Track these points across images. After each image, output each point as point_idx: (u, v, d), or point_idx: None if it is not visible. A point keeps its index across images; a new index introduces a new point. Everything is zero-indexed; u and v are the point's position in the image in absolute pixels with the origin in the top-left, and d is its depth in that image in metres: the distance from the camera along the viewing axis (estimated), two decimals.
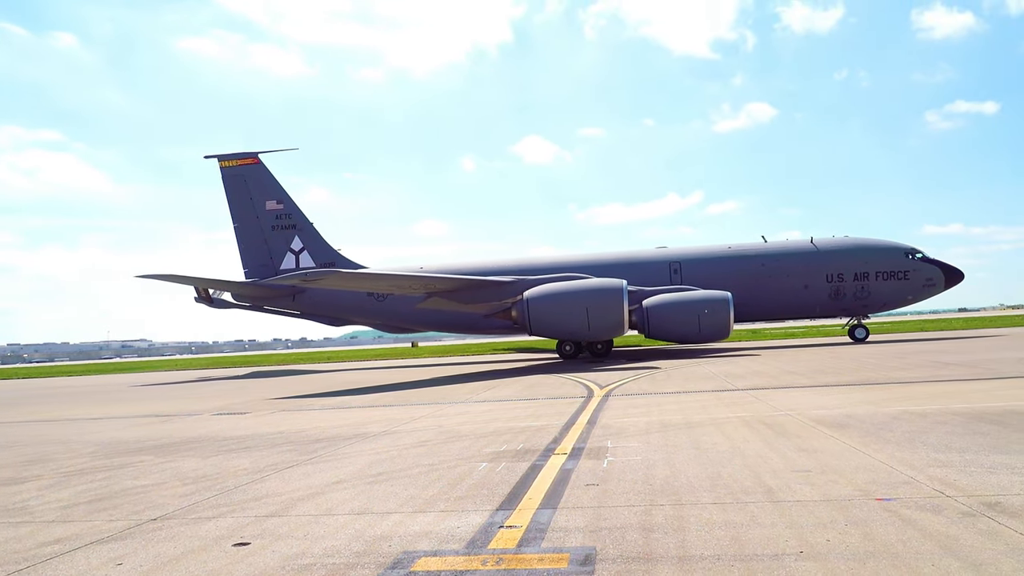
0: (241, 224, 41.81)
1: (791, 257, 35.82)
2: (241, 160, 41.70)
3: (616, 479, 7.11)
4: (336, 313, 41.03)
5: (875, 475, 6.69)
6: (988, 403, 11.15)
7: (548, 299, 30.38)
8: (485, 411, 14.12)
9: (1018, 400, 11.32)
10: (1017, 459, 7.03)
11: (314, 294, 39.61)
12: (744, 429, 9.90)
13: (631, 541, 5.07)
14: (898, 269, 34.95)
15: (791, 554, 4.62)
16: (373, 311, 39.38)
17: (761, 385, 16.16)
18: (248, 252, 41.85)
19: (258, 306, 41.59)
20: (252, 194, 41.41)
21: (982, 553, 4.44)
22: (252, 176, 41.58)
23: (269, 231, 41.41)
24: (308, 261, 41.27)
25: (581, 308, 29.80)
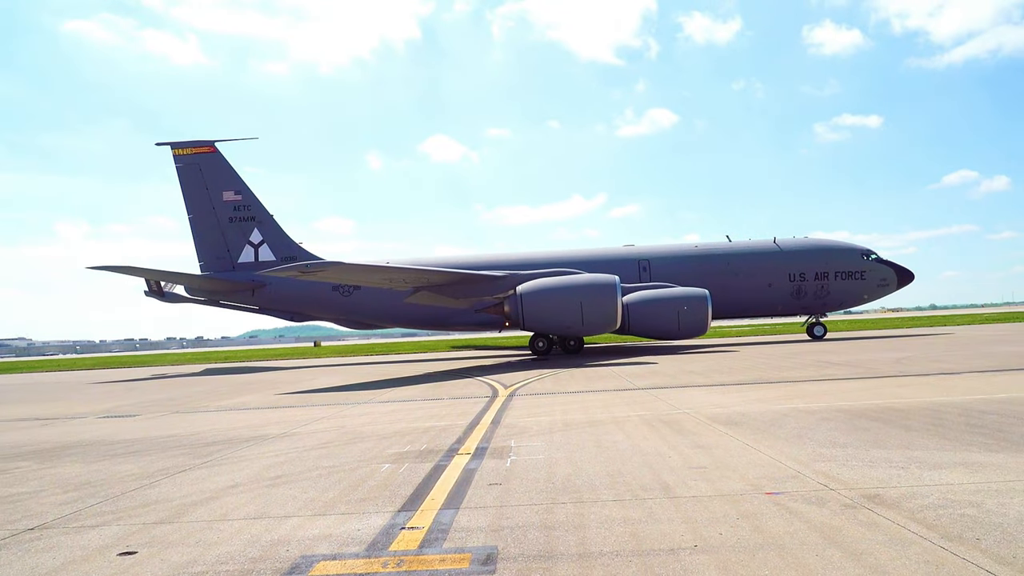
0: (196, 215, 39.97)
1: (756, 256, 37.03)
2: (196, 148, 39.78)
3: (519, 478, 7.16)
4: (297, 308, 39.95)
5: (765, 470, 6.98)
6: (869, 401, 11.81)
7: (542, 294, 30.39)
8: (389, 412, 13.96)
9: (897, 398, 12.03)
10: (895, 453, 7.47)
11: (275, 288, 38.55)
12: (644, 427, 10.14)
13: (532, 539, 5.11)
14: (855, 269, 36.63)
15: (686, 548, 4.76)
16: (338, 306, 38.58)
17: (661, 384, 16.60)
18: (204, 244, 40.11)
19: (214, 300, 40.12)
20: (208, 184, 39.68)
21: (861, 543, 4.69)
22: (208, 165, 39.81)
23: (226, 223, 39.75)
24: (268, 254, 39.90)
25: (575, 303, 29.97)
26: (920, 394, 12.38)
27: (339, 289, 38.08)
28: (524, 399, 14.95)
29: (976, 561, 4.25)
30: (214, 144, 40.07)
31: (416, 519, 5.81)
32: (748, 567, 4.37)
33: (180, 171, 39.87)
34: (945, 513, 5.23)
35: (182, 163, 39.83)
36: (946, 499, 5.61)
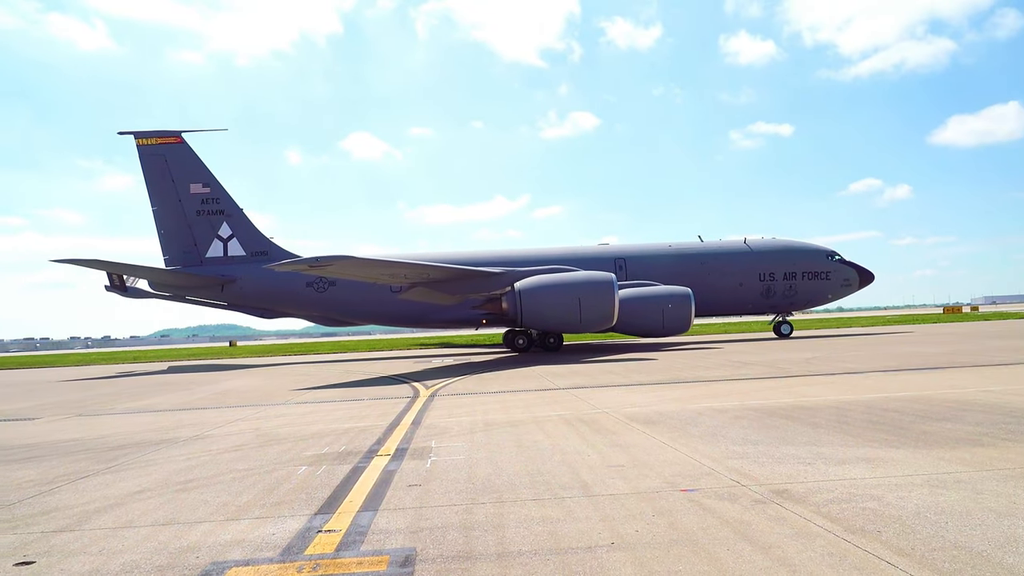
0: (161, 208, 38.31)
1: (727, 256, 37.79)
2: (161, 139, 37.80)
3: (439, 479, 7.12)
4: (268, 304, 38.83)
5: (681, 468, 7.14)
6: (780, 399, 12.23)
7: (541, 290, 30.30)
8: (307, 413, 13.69)
9: (805, 396, 12.49)
10: (803, 450, 7.75)
11: (245, 284, 37.38)
12: (564, 427, 10.24)
13: (451, 540, 5.09)
14: (821, 270, 37.99)
15: (603, 545, 4.83)
16: (312, 302, 37.75)
17: (581, 384, 16.79)
18: (169, 238, 38.45)
19: (180, 296, 38.75)
20: (174, 175, 37.99)
21: (770, 537, 4.85)
22: (174, 156, 38.07)
23: (193, 216, 38.21)
24: (238, 249, 38.59)
25: (574, 299, 29.98)
26: (827, 393, 12.89)
27: (313, 285, 37.26)
28: (445, 399, 14.89)
29: (877, 553, 4.44)
30: (180, 135, 38.47)
31: (333, 522, 5.71)
32: (663, 563, 4.46)
33: (144, 161, 38.14)
34: (848, 507, 5.46)
35: (146, 153, 38.11)
36: (849, 493, 5.85)
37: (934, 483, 6.04)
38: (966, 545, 4.48)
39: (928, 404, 10.74)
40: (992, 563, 4.16)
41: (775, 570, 4.25)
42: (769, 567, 4.29)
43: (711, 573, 4.26)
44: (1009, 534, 4.64)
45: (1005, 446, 7.44)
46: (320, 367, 31.22)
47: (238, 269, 38.07)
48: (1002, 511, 5.14)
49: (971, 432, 8.30)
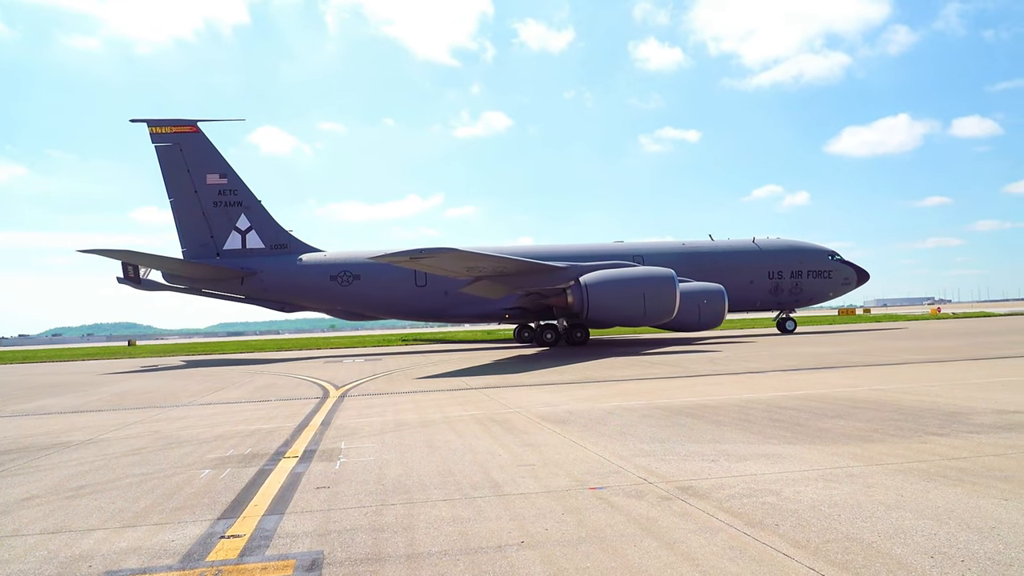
0: (177, 199, 37.31)
1: (738, 255, 38.94)
2: (176, 127, 36.87)
3: (348, 480, 7.01)
4: (290, 298, 38.47)
5: (590, 466, 7.24)
6: (686, 398, 12.57)
7: (608, 285, 30.71)
8: (211, 415, 13.25)
9: (709, 396, 12.88)
10: (707, 447, 7.98)
11: (267, 277, 37.04)
12: (476, 426, 10.24)
13: (360, 542, 5.01)
14: (824, 269, 39.84)
15: (513, 544, 4.84)
16: (335, 296, 37.64)
17: (494, 384, 16.84)
18: (187, 230, 37.52)
19: (196, 289, 37.75)
20: (190, 166, 37.07)
21: (675, 532, 4.97)
22: (190, 146, 36.98)
23: (210, 207, 37.32)
24: (257, 241, 37.89)
25: (639, 294, 30.44)
26: (730, 391, 13.33)
27: (338, 279, 37.21)
28: (356, 400, 14.67)
29: (774, 545, 4.61)
30: (196, 124, 37.39)
31: (237, 527, 5.54)
32: (571, 560, 4.51)
33: (159, 151, 36.88)
34: (749, 502, 5.65)
35: (160, 142, 36.91)
36: (750, 489, 6.06)
37: (828, 478, 6.32)
38: (857, 537, 4.70)
39: (824, 402, 11.24)
40: (881, 553, 4.38)
41: (679, 565, 4.35)
42: (673, 562, 4.40)
43: (618, 569, 4.33)
44: (897, 526, 4.89)
45: (893, 442, 7.85)
46: (226, 369, 30.29)
47: (260, 262, 37.61)
48: (890, 504, 5.42)
49: (863, 428, 8.73)
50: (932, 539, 4.57)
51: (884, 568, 4.13)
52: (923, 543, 4.51)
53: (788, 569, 4.20)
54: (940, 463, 6.69)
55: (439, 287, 36.78)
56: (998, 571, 4.00)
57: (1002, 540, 4.49)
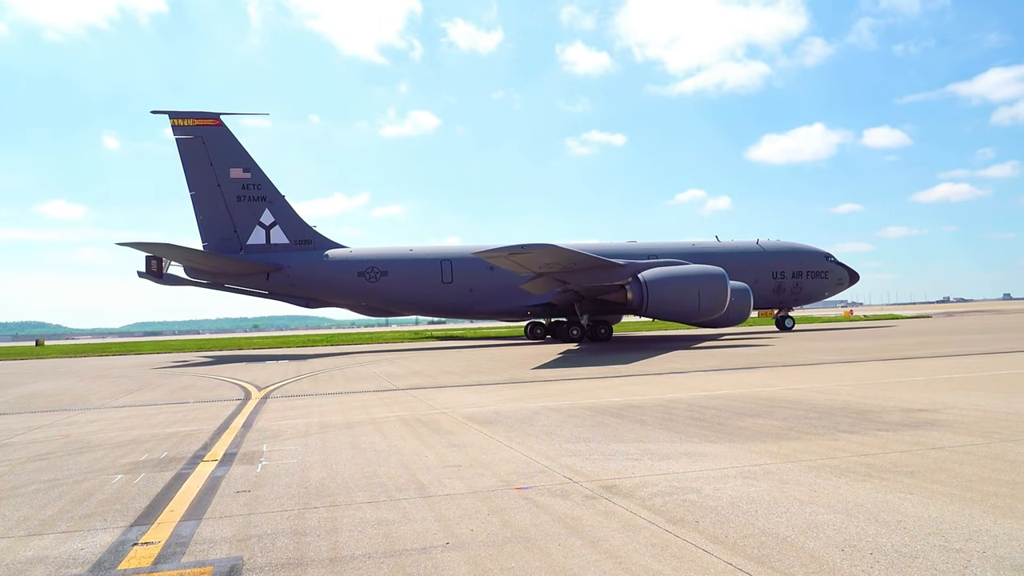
0: (199, 192, 36.69)
1: (745, 256, 40.12)
2: (199, 120, 36.36)
3: (270, 484, 6.85)
4: (316, 294, 38.53)
5: (516, 466, 7.27)
6: (611, 398, 12.75)
7: (666, 281, 32.01)
8: (125, 417, 12.77)
9: (634, 395, 13.09)
10: (631, 446, 8.11)
11: (293, 273, 37.14)
12: (402, 428, 10.16)
13: (282, 547, 4.90)
14: (821, 269, 42.00)
15: (438, 546, 4.82)
16: (362, 292, 38.25)
17: (420, 384, 16.74)
18: (208, 224, 36.90)
19: (219, 284, 37.52)
20: (213, 159, 36.53)
21: (599, 531, 5.03)
22: (212, 139, 36.51)
23: (233, 202, 36.92)
24: (281, 237, 37.77)
25: (695, 291, 31.85)
26: (654, 391, 13.58)
27: (365, 275, 37.80)
28: (279, 401, 14.37)
29: (695, 542, 4.72)
30: (219, 117, 36.87)
31: (151, 533, 5.35)
32: (496, 560, 4.51)
33: (180, 143, 36.16)
34: (671, 499, 5.77)
35: (182, 135, 36.24)
36: (672, 487, 6.19)
37: (746, 475, 6.51)
38: (773, 532, 4.85)
39: (743, 401, 11.57)
40: (795, 547, 4.53)
41: (602, 563, 4.41)
42: (597, 560, 4.45)
43: (543, 569, 4.36)
44: (811, 520, 5.06)
45: (808, 439, 8.13)
46: (141, 370, 29.25)
47: (286, 257, 37.45)
48: (805, 499, 5.61)
49: (779, 427, 9.02)
50: (842, 533, 4.75)
51: (797, 561, 4.27)
52: (834, 537, 4.68)
53: (707, 564, 4.30)
54: (851, 460, 6.97)
55: (464, 284, 38.40)
56: (904, 563, 4.18)
57: (908, 533, 4.70)
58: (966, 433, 8.09)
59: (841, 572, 4.08)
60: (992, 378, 13.75)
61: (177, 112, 36.68)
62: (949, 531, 4.69)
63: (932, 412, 9.66)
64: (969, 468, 6.42)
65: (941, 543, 4.47)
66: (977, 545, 4.41)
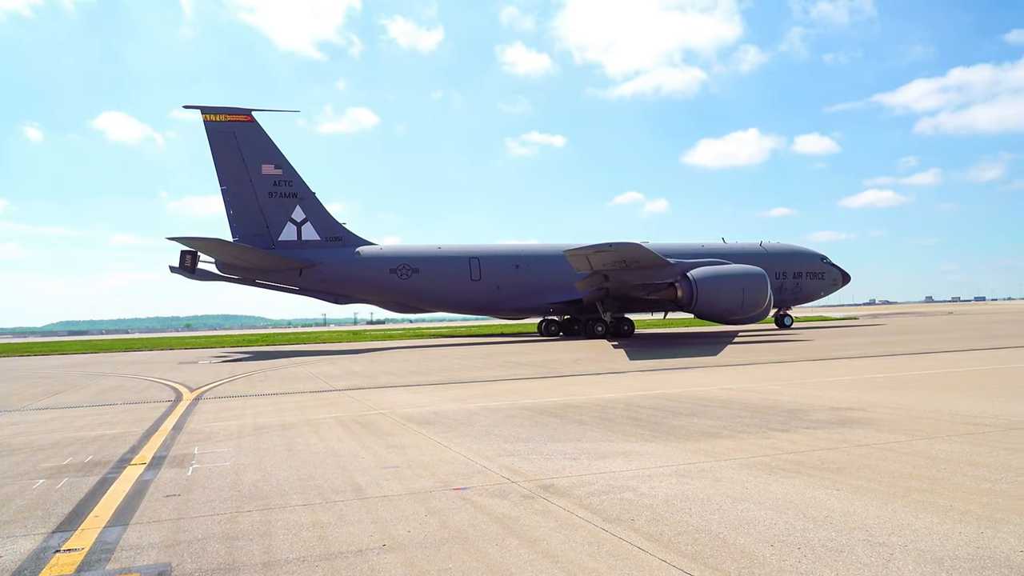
0: (230, 187, 36.99)
1: (750, 257, 41.32)
2: (231, 116, 36.88)
3: (201, 487, 6.68)
4: (347, 290, 39.24)
5: (455, 467, 7.25)
6: (550, 398, 12.82)
7: (714, 280, 34.13)
8: (47, 420, 12.28)
9: (572, 396, 13.19)
10: (569, 446, 8.17)
11: (326, 269, 37.88)
12: (339, 429, 10.03)
13: (213, 552, 4.78)
14: (819, 271, 44.28)
15: (374, 548, 4.77)
16: (393, 289, 39.14)
17: (359, 385, 16.55)
18: (240, 219, 37.12)
19: (250, 279, 37.80)
20: (244, 155, 36.96)
21: (536, 530, 5.05)
22: (244, 135, 37.05)
23: (265, 198, 37.42)
24: (312, 233, 38.32)
25: (739, 289, 34.11)
26: (592, 391, 13.71)
27: (397, 272, 38.84)
28: (212, 403, 14.03)
29: (630, 540, 4.78)
30: (251, 113, 37.40)
31: (75, 540, 5.15)
32: (433, 562, 4.49)
33: (212, 138, 36.59)
34: (608, 498, 5.83)
35: (214, 130, 36.65)
36: (609, 485, 6.25)
37: (681, 473, 6.62)
38: (706, 528, 4.94)
39: (678, 401, 11.77)
40: (727, 543, 4.62)
41: (539, 562, 4.42)
42: (534, 560, 4.47)
43: (480, 569, 4.35)
44: (742, 517, 5.18)
45: (741, 438, 8.32)
46: (66, 370, 28.22)
47: (319, 254, 38.23)
48: (737, 496, 5.74)
49: (713, 425, 9.20)
50: (772, 528, 4.87)
51: (729, 557, 4.36)
52: (765, 532, 4.79)
53: (642, 562, 4.36)
54: (781, 457, 7.15)
55: (492, 282, 40.08)
56: (830, 557, 4.31)
57: (835, 528, 4.84)
58: (890, 431, 8.39)
59: (771, 567, 4.18)
60: (915, 378, 14.30)
61: (209, 107, 36.96)
62: (873, 525, 4.85)
63: (858, 411, 9.99)
64: (892, 465, 6.66)
65: (866, 537, 4.62)
66: (900, 539, 4.57)
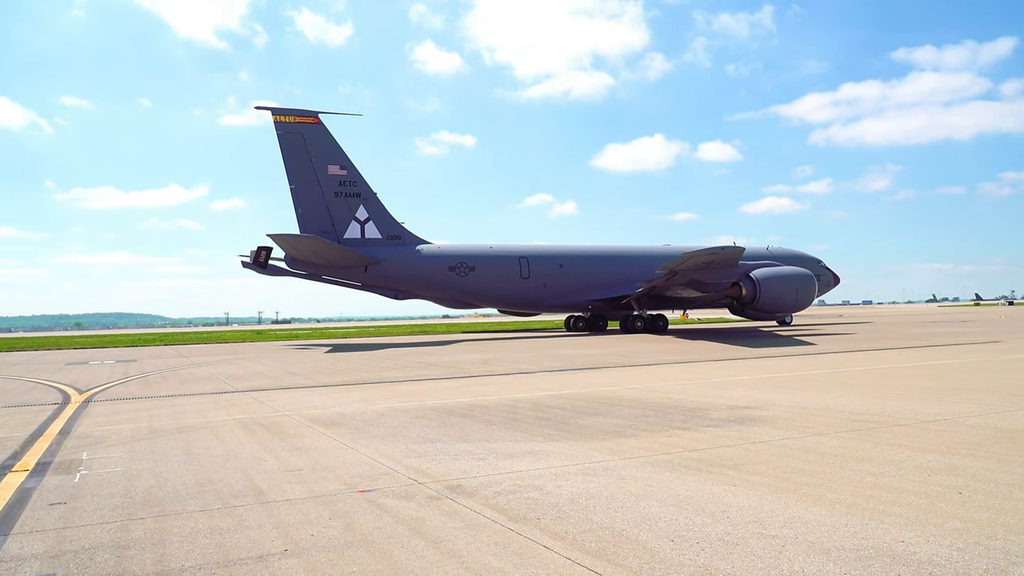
0: (299, 186, 38.38)
1: (757, 259, 42.79)
2: (299, 117, 38.44)
3: (90, 494, 6.35)
4: (409, 287, 41.11)
5: (361, 469, 7.14)
6: (458, 399, 12.81)
7: (774, 280, 38.59)
8: None
9: (481, 396, 13.22)
10: (477, 446, 8.18)
11: (389, 266, 39.64)
12: (241, 431, 9.73)
13: (102, 562, 4.56)
14: (818, 273, 46.19)
15: (276, 553, 4.65)
16: (451, 285, 41.14)
17: (262, 386, 16.11)
18: (307, 217, 38.55)
19: (316, 275, 39.50)
20: (312, 155, 38.46)
21: (443, 531, 5.03)
22: (312, 136, 38.54)
23: (331, 197, 39.00)
24: (374, 232, 40.06)
25: (794, 289, 38.92)
26: (501, 391, 13.77)
27: (455, 270, 41.01)
28: (104, 405, 13.38)
29: (536, 538, 4.82)
30: (318, 115, 38.89)
31: None
32: (337, 566, 4.40)
33: (282, 139, 38.06)
34: (514, 498, 5.86)
35: (284, 131, 38.12)
36: (515, 485, 6.29)
37: (587, 471, 6.72)
38: (610, 526, 5.03)
39: (585, 400, 11.96)
40: (630, 540, 4.72)
41: (445, 563, 4.41)
42: (440, 561, 4.45)
43: (384, 572, 4.30)
44: (645, 514, 5.30)
45: (645, 436, 8.52)
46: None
47: (383, 251, 39.75)
48: (640, 494, 5.87)
49: (618, 425, 9.39)
50: (673, 524, 5.01)
51: (632, 553, 4.46)
52: (665, 528, 4.92)
53: (547, 560, 4.40)
54: (682, 455, 7.36)
55: (539, 280, 42.84)
56: (727, 550, 4.46)
57: (731, 522, 5.02)
58: (784, 428, 8.76)
59: (670, 561, 4.30)
60: (808, 377, 14.98)
61: (279, 109, 38.40)
62: (767, 519, 5.05)
63: (755, 409, 10.39)
64: (786, 460, 6.95)
65: (760, 530, 4.81)
66: (791, 531, 4.77)
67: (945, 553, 4.28)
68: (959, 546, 4.40)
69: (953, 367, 16.40)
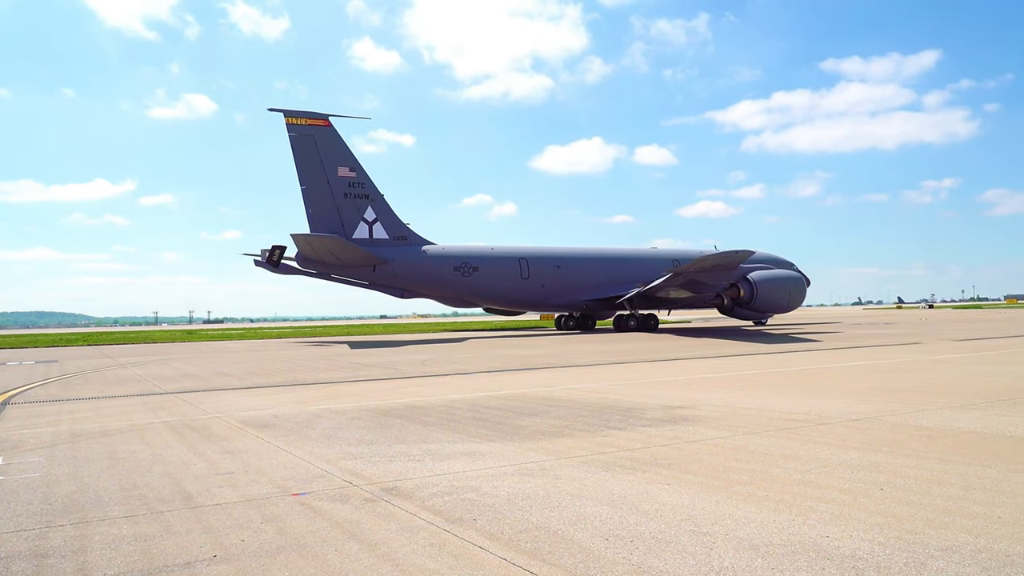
0: (309, 187, 39.35)
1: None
2: (311, 120, 39.41)
3: (5, 502, 6.08)
4: (415, 286, 42.30)
5: (294, 471, 7.01)
6: (395, 400, 12.69)
7: (770, 282, 41.57)
8: None
9: (420, 396, 13.13)
10: (414, 447, 8.11)
11: (397, 266, 40.74)
12: (169, 434, 9.45)
13: (18, 572, 4.36)
14: None
15: (204, 559, 4.52)
16: (455, 285, 42.36)
17: (192, 388, 15.69)
18: (317, 218, 39.39)
19: (326, 273, 40.61)
20: (322, 157, 39.44)
21: (377, 534, 4.97)
22: (322, 138, 39.51)
23: (341, 198, 39.95)
24: (382, 233, 41.02)
25: (787, 290, 42.03)
26: (439, 392, 13.71)
27: (460, 270, 42.28)
28: (21, 408, 12.83)
29: (471, 539, 4.80)
30: (328, 118, 39.81)
31: None
32: (268, 571, 4.31)
33: (293, 140, 38.93)
34: (450, 499, 5.83)
35: (296, 133, 38.99)
36: (452, 486, 6.26)
37: (523, 472, 6.74)
38: (546, 526, 5.05)
39: (523, 401, 11.99)
40: (565, 539, 4.74)
41: (379, 566, 4.35)
42: (374, 564, 4.39)
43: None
44: (580, 513, 5.33)
45: (581, 436, 8.58)
46: None
47: (391, 251, 40.78)
48: (575, 493, 5.91)
49: (555, 425, 9.44)
50: (607, 523, 5.05)
51: (567, 552, 4.48)
52: (600, 527, 4.96)
53: (483, 561, 4.39)
54: (618, 454, 7.44)
55: (538, 280, 44.24)
56: (659, 548, 4.52)
57: (664, 520, 5.09)
58: (716, 427, 8.94)
59: (605, 560, 4.33)
60: (741, 377, 15.33)
61: (292, 111, 39.21)
62: (699, 516, 5.14)
63: (689, 409, 10.57)
64: (718, 459, 7.09)
65: (692, 528, 4.89)
66: (722, 528, 4.87)
67: (867, 547, 4.43)
68: (880, 540, 4.55)
69: (877, 367, 17.00)
